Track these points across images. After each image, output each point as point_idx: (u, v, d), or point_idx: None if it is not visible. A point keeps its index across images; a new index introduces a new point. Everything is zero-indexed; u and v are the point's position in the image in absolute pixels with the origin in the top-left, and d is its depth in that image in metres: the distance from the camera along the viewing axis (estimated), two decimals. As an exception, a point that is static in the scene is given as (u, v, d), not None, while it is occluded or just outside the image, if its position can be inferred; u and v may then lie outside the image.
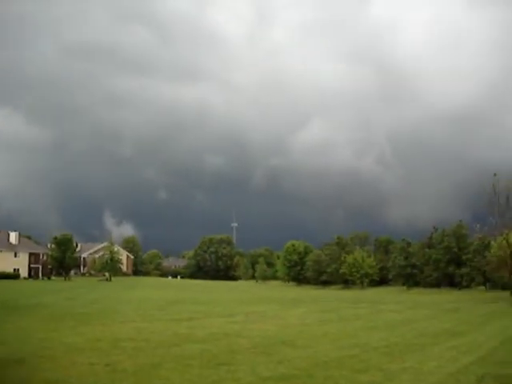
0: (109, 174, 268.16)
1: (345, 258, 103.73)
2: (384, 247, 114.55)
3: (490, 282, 79.97)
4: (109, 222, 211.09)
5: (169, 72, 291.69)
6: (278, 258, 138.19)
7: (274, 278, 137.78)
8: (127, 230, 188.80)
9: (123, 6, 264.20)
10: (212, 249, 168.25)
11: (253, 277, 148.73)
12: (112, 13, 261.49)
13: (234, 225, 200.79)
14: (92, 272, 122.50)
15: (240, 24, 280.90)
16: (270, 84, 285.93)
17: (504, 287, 71.52)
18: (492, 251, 68.59)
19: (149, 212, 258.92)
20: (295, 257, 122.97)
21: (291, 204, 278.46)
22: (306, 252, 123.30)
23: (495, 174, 66.03)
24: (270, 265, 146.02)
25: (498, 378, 13.58)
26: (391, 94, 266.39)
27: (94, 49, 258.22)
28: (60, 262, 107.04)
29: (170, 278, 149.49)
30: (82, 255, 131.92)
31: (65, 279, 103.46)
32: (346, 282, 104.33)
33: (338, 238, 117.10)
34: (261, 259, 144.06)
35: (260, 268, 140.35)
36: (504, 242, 65.34)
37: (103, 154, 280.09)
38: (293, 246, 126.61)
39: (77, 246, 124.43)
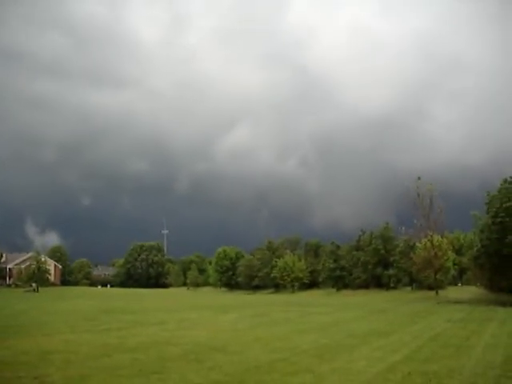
0: (30, 180, 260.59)
1: (276, 262, 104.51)
2: (314, 250, 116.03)
3: (416, 282, 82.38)
4: (31, 230, 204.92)
5: (88, 77, 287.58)
6: (210, 264, 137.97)
7: (206, 284, 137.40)
8: (52, 239, 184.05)
9: (39, 11, 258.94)
10: (142, 256, 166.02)
11: (184, 284, 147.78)
12: (27, 17, 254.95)
13: (165, 232, 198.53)
14: (18, 283, 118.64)
15: (156, 29, 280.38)
16: (190, 89, 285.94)
17: (429, 287, 73.97)
18: (417, 252, 70.77)
19: (73, 219, 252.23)
20: (227, 262, 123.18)
21: (219, 209, 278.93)
22: (238, 257, 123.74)
23: (419, 178, 68.37)
24: (201, 271, 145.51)
25: (423, 374, 14.03)
26: (312, 98, 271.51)
27: (10, 54, 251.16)
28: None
29: (99, 287, 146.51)
30: (8, 266, 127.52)
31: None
32: (277, 286, 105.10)
33: (269, 242, 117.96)
34: (192, 266, 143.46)
35: (191, 275, 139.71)
36: (428, 243, 67.62)
37: (23, 160, 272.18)
38: (224, 251, 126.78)
39: (1, 256, 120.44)
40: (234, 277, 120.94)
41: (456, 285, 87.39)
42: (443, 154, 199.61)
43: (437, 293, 68.16)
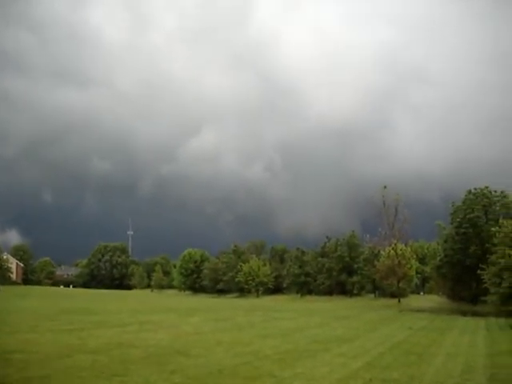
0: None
1: (241, 266, 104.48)
2: (279, 256, 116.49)
3: (379, 289, 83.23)
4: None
5: (52, 75, 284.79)
6: (175, 266, 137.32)
7: (171, 286, 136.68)
8: (12, 236, 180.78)
9: (3, 6, 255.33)
10: (106, 257, 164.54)
11: (148, 286, 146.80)
12: None
13: (130, 233, 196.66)
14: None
15: (120, 28, 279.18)
16: (155, 90, 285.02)
17: (392, 295, 74.79)
18: (381, 260, 71.48)
19: (35, 217, 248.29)
20: (191, 265, 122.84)
21: (183, 211, 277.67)
22: (202, 260, 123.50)
23: (385, 187, 69.02)
24: (166, 273, 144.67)
25: (384, 381, 14.19)
26: (277, 105, 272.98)
27: None
28: None
29: (61, 287, 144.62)
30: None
31: None
32: (242, 291, 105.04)
33: (235, 246, 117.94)
34: (157, 267, 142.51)
35: (156, 277, 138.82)
36: (392, 251, 68.33)
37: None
38: (189, 254, 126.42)
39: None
40: (198, 280, 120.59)
41: (418, 293, 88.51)
42: (405, 163, 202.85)
43: (399, 301, 68.90)
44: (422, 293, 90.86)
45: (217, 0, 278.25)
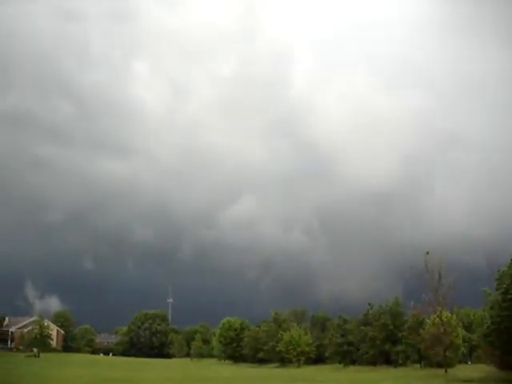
0: (32, 243, 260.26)
1: (282, 335, 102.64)
2: (321, 323, 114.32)
3: (425, 359, 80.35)
4: (31, 293, 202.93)
5: (93, 143, 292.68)
6: (214, 335, 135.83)
7: (210, 355, 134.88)
8: (52, 303, 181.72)
9: (46, 76, 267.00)
10: (146, 325, 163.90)
11: (188, 354, 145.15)
12: (35, 82, 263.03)
13: (170, 300, 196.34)
14: (20, 347, 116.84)
15: (159, 98, 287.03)
16: (194, 158, 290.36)
17: (439, 364, 72.01)
18: (426, 328, 69.34)
19: (75, 283, 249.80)
20: (231, 334, 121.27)
21: (223, 277, 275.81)
22: (242, 328, 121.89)
23: (427, 253, 67.63)
24: (205, 342, 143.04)
25: None
26: (315, 170, 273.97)
27: (17, 116, 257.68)
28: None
29: (101, 355, 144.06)
30: (10, 329, 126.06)
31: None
32: (283, 360, 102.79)
33: (276, 314, 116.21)
34: (197, 336, 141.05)
35: (195, 345, 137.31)
36: (437, 319, 66.30)
37: (27, 222, 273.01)
38: (228, 322, 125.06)
39: (4, 319, 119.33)
40: (238, 349, 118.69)
41: (466, 363, 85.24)
42: (446, 226, 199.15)
43: (446, 371, 66.25)
44: (469, 362, 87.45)
45: (254, 71, 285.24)
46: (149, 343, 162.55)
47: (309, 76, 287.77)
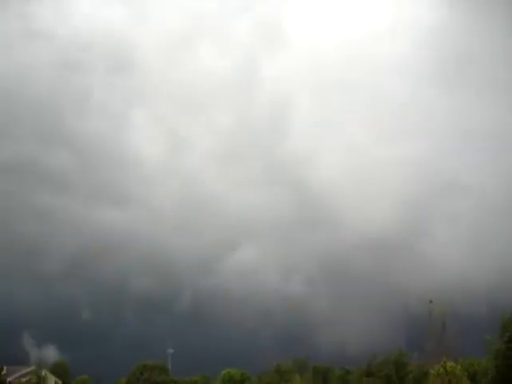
0: (28, 291, 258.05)
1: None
2: (322, 375, 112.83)
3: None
4: (28, 342, 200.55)
5: (92, 193, 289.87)
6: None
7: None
8: (50, 352, 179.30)
9: (45, 127, 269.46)
10: (145, 375, 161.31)
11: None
12: (35, 132, 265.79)
13: (170, 351, 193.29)
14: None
15: (158, 149, 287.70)
16: (192, 208, 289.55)
17: (444, 417, 70.84)
18: (430, 379, 68.37)
19: (73, 333, 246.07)
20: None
21: (222, 326, 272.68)
22: (243, 380, 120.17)
23: (431, 301, 67.21)
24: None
25: None
26: (314, 218, 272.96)
27: (17, 166, 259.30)
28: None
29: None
30: (8, 379, 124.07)
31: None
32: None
33: (277, 365, 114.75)
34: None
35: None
36: (442, 369, 65.46)
37: (23, 270, 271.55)
38: (229, 373, 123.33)
39: (2, 368, 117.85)
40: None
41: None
42: (447, 274, 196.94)
43: (452, 423, 65.18)
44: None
45: (253, 120, 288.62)
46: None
47: (307, 126, 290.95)
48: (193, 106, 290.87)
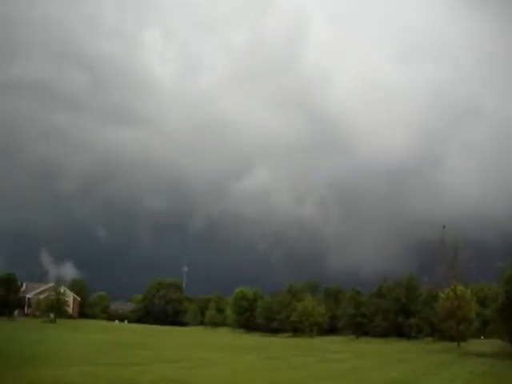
0: (45, 210, 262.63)
1: (295, 305, 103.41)
2: (334, 296, 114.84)
3: (438, 332, 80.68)
4: (46, 260, 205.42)
5: (104, 113, 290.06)
6: (228, 304, 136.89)
7: (224, 324, 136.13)
8: (68, 269, 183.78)
9: (57, 44, 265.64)
10: (161, 293, 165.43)
11: (202, 323, 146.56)
12: (47, 52, 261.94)
13: (185, 269, 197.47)
14: (37, 313, 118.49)
15: (170, 69, 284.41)
16: (206, 129, 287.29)
17: (451, 338, 72.31)
18: (440, 302, 69.49)
19: (89, 251, 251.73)
20: (244, 303, 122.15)
21: (235, 248, 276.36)
22: (256, 298, 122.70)
23: (444, 227, 67.52)
24: (219, 311, 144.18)
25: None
26: (328, 143, 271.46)
27: (30, 86, 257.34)
28: (3, 301, 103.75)
29: (116, 322, 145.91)
30: (27, 295, 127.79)
31: (8, 319, 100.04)
32: (296, 330, 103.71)
33: (290, 285, 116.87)
34: (210, 305, 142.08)
35: (209, 314, 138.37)
36: (452, 293, 66.40)
37: (40, 190, 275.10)
38: (242, 292, 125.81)
39: (21, 285, 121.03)
40: (252, 318, 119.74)
41: (479, 337, 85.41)
42: (459, 201, 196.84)
43: (459, 344, 66.63)
44: (482, 337, 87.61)
45: (268, 42, 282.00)
46: (163, 311, 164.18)
47: (322, 47, 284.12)
48: (206, 25, 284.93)
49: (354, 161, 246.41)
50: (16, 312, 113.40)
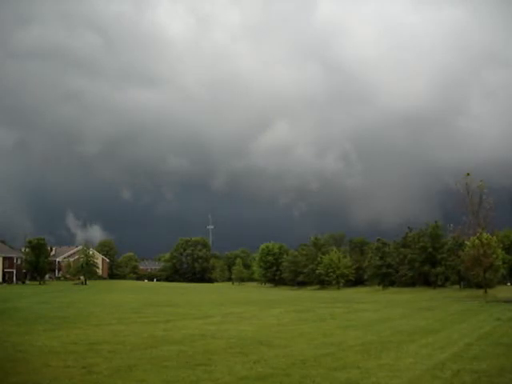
0: (70, 174, 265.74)
1: (321, 258, 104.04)
2: (359, 247, 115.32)
3: (464, 280, 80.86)
4: (73, 223, 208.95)
5: (122, 75, 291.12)
6: (254, 259, 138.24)
7: (251, 279, 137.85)
8: (95, 232, 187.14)
9: (69, 10, 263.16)
10: (188, 251, 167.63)
11: (229, 279, 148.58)
12: (58, 16, 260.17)
13: (210, 227, 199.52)
14: (67, 276, 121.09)
15: (183, 28, 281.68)
16: (223, 87, 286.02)
17: (478, 285, 72.44)
18: (466, 250, 69.35)
19: (115, 213, 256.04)
20: (270, 258, 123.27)
21: (258, 204, 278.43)
22: (281, 253, 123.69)
23: (468, 174, 66.86)
24: (246, 266, 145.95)
25: (472, 372, 13.67)
26: (346, 94, 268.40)
27: (45, 51, 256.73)
28: (34, 266, 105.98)
29: (146, 281, 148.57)
30: (57, 259, 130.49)
31: (39, 283, 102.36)
32: (322, 283, 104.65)
33: (315, 238, 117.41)
34: (238, 260, 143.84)
35: (236, 269, 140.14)
36: (477, 241, 66.13)
37: (64, 155, 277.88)
38: (267, 247, 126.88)
39: (51, 249, 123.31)
40: (278, 273, 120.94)
41: (505, 284, 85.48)
42: (481, 148, 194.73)
43: (485, 291, 66.75)
44: (508, 283, 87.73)
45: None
46: (191, 269, 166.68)
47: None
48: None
49: (373, 111, 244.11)
50: (47, 276, 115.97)
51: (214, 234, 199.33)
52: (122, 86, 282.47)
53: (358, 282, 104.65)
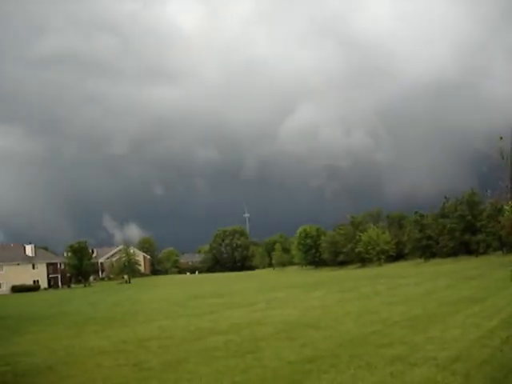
0: (102, 176, 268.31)
1: (360, 236, 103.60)
2: (397, 222, 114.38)
3: (507, 246, 79.68)
4: (110, 224, 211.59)
5: (141, 73, 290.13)
6: (293, 243, 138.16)
7: (291, 263, 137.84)
8: (132, 231, 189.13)
9: (81, 14, 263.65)
10: (226, 241, 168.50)
11: (270, 264, 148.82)
12: (72, 22, 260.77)
13: (247, 215, 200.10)
14: (111, 276, 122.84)
15: (195, 20, 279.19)
16: (241, 75, 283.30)
17: (521, 250, 71.42)
18: (505, 215, 68.28)
19: (150, 210, 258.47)
20: (309, 241, 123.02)
21: (290, 188, 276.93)
22: (319, 234, 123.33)
23: (501, 138, 65.63)
24: (285, 251, 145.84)
25: (522, 338, 13.59)
26: (366, 69, 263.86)
27: (62, 57, 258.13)
28: (78, 269, 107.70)
29: (188, 274, 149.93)
30: (99, 260, 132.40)
31: (84, 286, 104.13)
32: (363, 261, 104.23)
33: (352, 217, 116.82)
34: (277, 246, 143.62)
35: (276, 255, 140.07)
36: (516, 204, 65.05)
37: (94, 158, 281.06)
38: (304, 230, 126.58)
39: (93, 252, 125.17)
40: (317, 254, 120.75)
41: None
42: (510, 110, 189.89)
43: (530, 255, 65.88)
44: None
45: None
46: (231, 258, 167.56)
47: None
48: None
49: (396, 83, 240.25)
50: (92, 277, 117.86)
51: (250, 221, 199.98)
52: (141, 84, 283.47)
53: (398, 256, 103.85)
